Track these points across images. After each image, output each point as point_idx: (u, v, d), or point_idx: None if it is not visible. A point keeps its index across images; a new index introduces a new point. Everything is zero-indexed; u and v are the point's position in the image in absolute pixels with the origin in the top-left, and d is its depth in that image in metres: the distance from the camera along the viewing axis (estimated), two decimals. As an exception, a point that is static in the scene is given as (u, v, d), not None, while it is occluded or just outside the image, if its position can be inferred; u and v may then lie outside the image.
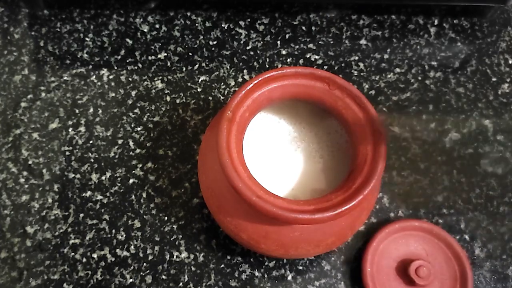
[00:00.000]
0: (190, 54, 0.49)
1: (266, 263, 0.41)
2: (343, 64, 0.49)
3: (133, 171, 0.43)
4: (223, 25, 0.50)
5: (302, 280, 0.40)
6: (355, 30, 0.50)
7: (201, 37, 0.50)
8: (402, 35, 0.50)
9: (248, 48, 0.49)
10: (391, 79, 0.48)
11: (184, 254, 0.41)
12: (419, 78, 0.48)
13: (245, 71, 0.48)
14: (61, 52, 0.48)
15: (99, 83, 0.47)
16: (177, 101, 0.46)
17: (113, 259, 0.40)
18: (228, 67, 0.48)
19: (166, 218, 0.42)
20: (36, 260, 0.40)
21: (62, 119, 0.45)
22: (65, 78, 0.47)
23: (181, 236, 0.41)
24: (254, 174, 0.33)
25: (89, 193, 0.43)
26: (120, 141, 0.45)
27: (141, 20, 0.50)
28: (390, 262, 0.40)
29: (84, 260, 0.40)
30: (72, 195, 0.42)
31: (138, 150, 0.44)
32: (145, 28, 0.50)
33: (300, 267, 0.41)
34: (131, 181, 0.43)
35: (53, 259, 0.40)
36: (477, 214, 0.43)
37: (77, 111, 0.46)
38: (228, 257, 0.41)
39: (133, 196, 0.42)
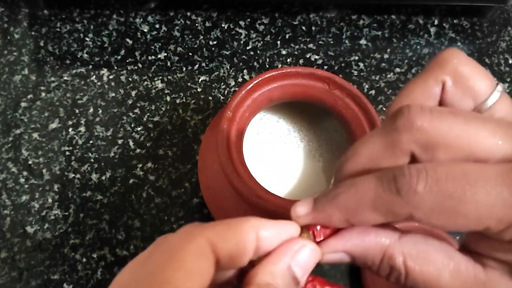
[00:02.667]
0: (190, 54, 0.49)
1: (266, 263, 0.41)
2: (343, 64, 0.49)
3: (133, 171, 0.43)
4: (223, 25, 0.50)
5: (302, 280, 0.40)
6: (355, 30, 0.50)
7: (201, 37, 0.50)
8: (402, 35, 0.50)
9: (248, 48, 0.49)
10: (391, 79, 0.48)
11: None
12: (419, 78, 0.48)
13: (245, 71, 0.48)
14: (61, 52, 0.48)
15: (99, 83, 0.47)
16: (177, 101, 0.46)
17: (113, 259, 0.40)
18: (228, 67, 0.48)
19: (166, 218, 0.42)
20: (36, 260, 0.40)
21: (62, 119, 0.45)
22: (65, 78, 0.47)
23: (181, 236, 0.41)
24: (254, 174, 0.33)
25: (89, 193, 0.43)
26: (120, 141, 0.45)
27: (141, 20, 0.50)
28: (390, 262, 0.40)
29: (84, 260, 0.40)
30: (72, 195, 0.42)
31: (138, 150, 0.44)
32: (145, 28, 0.50)
33: None
34: (131, 181, 0.43)
35: (53, 259, 0.40)
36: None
37: (77, 111, 0.46)
38: (228, 257, 0.41)
39: (133, 196, 0.42)
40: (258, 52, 0.49)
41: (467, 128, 0.17)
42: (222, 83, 0.47)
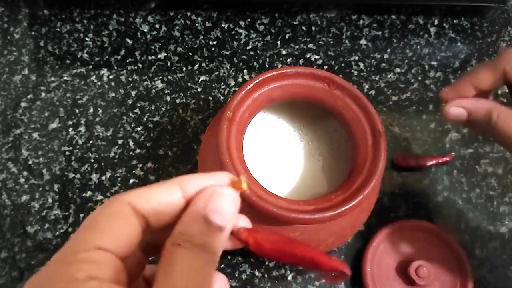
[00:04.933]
0: (190, 54, 0.49)
1: (266, 263, 0.41)
2: (343, 64, 0.49)
3: (133, 171, 0.43)
4: (223, 25, 0.50)
5: (302, 280, 0.40)
6: (355, 30, 0.50)
7: (201, 37, 0.50)
8: (402, 35, 0.50)
9: (248, 48, 0.49)
10: (391, 79, 0.48)
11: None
12: (419, 78, 0.48)
13: (245, 71, 0.48)
14: (61, 52, 0.48)
15: (99, 83, 0.47)
16: (177, 101, 0.46)
17: (113, 259, 0.40)
18: (228, 67, 0.48)
19: (166, 218, 0.42)
20: (37, 260, 0.40)
21: (62, 119, 0.45)
22: (65, 78, 0.47)
23: (181, 236, 0.41)
24: (254, 174, 0.33)
25: (89, 193, 0.43)
26: (120, 141, 0.45)
27: (141, 20, 0.50)
28: (390, 262, 0.40)
29: (84, 260, 0.40)
30: (72, 195, 0.42)
31: (138, 150, 0.44)
32: (145, 28, 0.50)
33: (300, 267, 0.41)
34: (131, 181, 0.43)
35: (53, 259, 0.40)
36: (477, 214, 0.43)
37: (77, 111, 0.46)
38: (229, 257, 0.41)
39: (133, 196, 0.42)
40: (258, 52, 0.49)
41: None
42: (222, 83, 0.47)
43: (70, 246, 0.18)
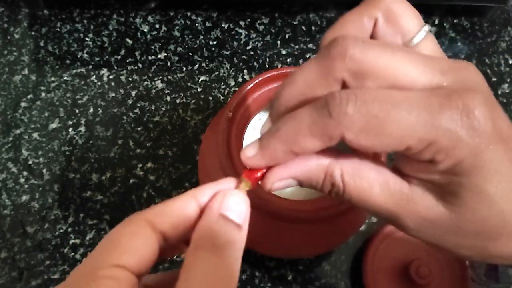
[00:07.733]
0: (190, 54, 0.49)
1: (267, 263, 0.41)
2: (343, 64, 0.49)
3: (133, 171, 0.43)
4: (223, 25, 0.50)
5: (302, 280, 0.40)
6: (355, 30, 0.50)
7: (201, 37, 0.50)
8: (402, 35, 0.50)
9: (248, 48, 0.49)
10: (391, 79, 0.48)
11: (184, 254, 0.41)
12: (419, 78, 0.48)
13: (245, 71, 0.48)
14: (61, 52, 0.48)
15: (99, 83, 0.47)
16: (177, 101, 0.46)
17: (113, 259, 0.40)
18: (228, 67, 0.48)
19: (166, 218, 0.42)
20: (36, 260, 0.40)
21: (62, 119, 0.45)
22: (65, 78, 0.47)
23: (181, 236, 0.41)
24: (254, 174, 0.33)
25: (89, 193, 0.43)
26: (120, 141, 0.45)
27: (141, 20, 0.50)
28: (390, 262, 0.40)
29: (84, 260, 0.40)
30: (72, 195, 0.42)
31: (138, 150, 0.44)
32: (145, 28, 0.50)
33: (301, 267, 0.41)
34: (131, 181, 0.43)
35: (53, 259, 0.40)
36: (477, 214, 0.43)
37: (77, 111, 0.46)
38: (228, 257, 0.41)
39: (133, 196, 0.42)
40: (258, 52, 0.49)
41: (393, 59, 0.19)
42: (222, 83, 0.47)
43: (90, 263, 0.19)
